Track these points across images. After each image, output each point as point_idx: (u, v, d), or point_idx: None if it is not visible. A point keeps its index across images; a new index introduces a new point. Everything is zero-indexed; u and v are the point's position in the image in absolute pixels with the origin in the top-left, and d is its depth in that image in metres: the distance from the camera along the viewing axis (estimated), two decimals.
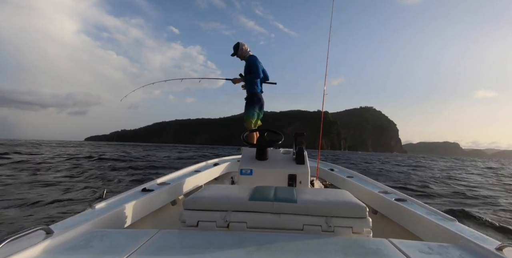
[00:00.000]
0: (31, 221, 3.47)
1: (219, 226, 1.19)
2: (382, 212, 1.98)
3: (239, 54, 3.67)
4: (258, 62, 3.57)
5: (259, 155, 2.20)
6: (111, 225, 1.35)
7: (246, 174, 2.07)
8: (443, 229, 1.33)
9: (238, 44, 3.64)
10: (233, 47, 3.68)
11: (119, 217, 1.44)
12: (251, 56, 3.62)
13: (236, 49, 3.65)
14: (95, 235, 1.07)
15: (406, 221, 1.67)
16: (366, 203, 1.45)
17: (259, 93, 3.70)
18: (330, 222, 1.16)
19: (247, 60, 3.64)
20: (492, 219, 4.37)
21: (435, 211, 1.58)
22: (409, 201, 1.81)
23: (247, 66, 3.63)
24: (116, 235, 1.07)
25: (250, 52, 3.69)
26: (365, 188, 2.26)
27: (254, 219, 1.20)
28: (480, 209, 5.38)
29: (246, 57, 3.66)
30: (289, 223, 1.19)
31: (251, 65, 3.56)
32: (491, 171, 19.33)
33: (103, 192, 1.45)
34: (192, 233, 1.11)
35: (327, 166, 3.48)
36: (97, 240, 1.02)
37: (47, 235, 1.02)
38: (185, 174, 2.52)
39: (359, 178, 2.69)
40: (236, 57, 3.73)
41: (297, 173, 2.07)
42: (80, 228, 1.14)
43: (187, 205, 1.24)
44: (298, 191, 1.42)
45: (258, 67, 3.53)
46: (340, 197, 1.30)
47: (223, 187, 1.51)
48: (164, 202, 1.95)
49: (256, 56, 3.64)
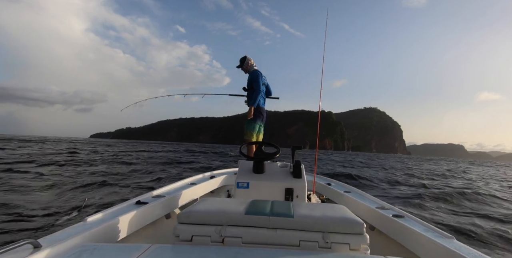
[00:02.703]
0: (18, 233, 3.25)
1: (213, 241, 1.16)
2: (380, 228, 1.94)
3: (244, 67, 3.76)
4: (260, 78, 3.63)
5: (256, 168, 2.17)
6: (103, 239, 1.31)
7: (243, 187, 2.03)
8: (441, 247, 1.31)
9: (245, 57, 3.73)
10: (240, 60, 3.78)
11: (112, 231, 1.40)
12: (254, 71, 3.69)
13: (242, 62, 3.75)
14: (85, 249, 1.03)
15: (404, 238, 1.64)
16: (364, 219, 1.40)
17: (261, 108, 3.71)
18: (327, 238, 1.13)
19: (250, 74, 3.71)
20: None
21: (432, 228, 1.56)
22: (406, 218, 1.79)
23: (249, 80, 3.70)
24: (107, 249, 1.04)
25: (255, 67, 3.77)
26: (363, 203, 2.22)
27: (249, 234, 1.17)
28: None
29: (250, 71, 3.73)
30: (285, 239, 1.16)
31: (253, 80, 3.63)
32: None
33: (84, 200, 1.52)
34: (186, 248, 1.08)
35: (324, 180, 3.46)
36: (87, 254, 0.98)
37: (34, 249, 0.99)
38: (181, 186, 2.50)
39: (356, 193, 2.68)
40: (241, 69, 3.82)
41: (294, 187, 2.04)
42: (70, 241, 1.10)
43: (182, 219, 1.20)
44: (295, 205, 1.39)
45: (259, 83, 3.59)
46: (337, 213, 1.28)
47: (219, 200, 1.48)
48: (158, 215, 1.91)
49: (259, 72, 3.69)
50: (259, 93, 3.58)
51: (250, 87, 3.67)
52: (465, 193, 7.62)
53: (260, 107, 3.70)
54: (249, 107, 3.60)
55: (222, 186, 3.32)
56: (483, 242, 3.92)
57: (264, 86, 3.73)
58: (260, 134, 3.78)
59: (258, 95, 3.58)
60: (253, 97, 3.58)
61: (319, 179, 3.48)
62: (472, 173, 19.30)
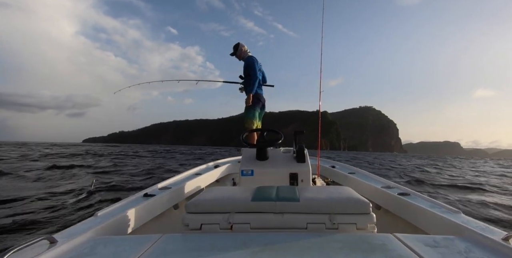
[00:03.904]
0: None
1: (222, 228, 1.18)
2: (386, 207, 1.96)
3: (238, 54, 3.75)
4: (255, 64, 3.61)
5: (260, 155, 2.18)
6: (115, 231, 1.34)
7: (247, 174, 2.05)
8: (448, 221, 1.32)
9: (238, 44, 3.75)
10: (233, 47, 3.79)
11: (122, 224, 1.44)
12: (249, 57, 3.68)
13: (236, 49, 3.75)
14: (98, 243, 1.06)
15: (410, 215, 1.65)
16: (369, 199, 1.43)
17: (259, 94, 3.72)
18: (334, 219, 1.15)
19: (245, 61, 3.69)
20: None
21: (439, 204, 1.57)
22: (412, 195, 1.81)
23: (245, 67, 3.69)
24: (119, 241, 1.07)
25: (249, 53, 3.76)
26: (368, 183, 2.26)
27: (257, 220, 1.19)
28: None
29: (244, 58, 3.73)
30: (292, 222, 1.18)
31: (249, 67, 3.62)
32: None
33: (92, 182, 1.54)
34: (196, 236, 1.10)
35: (328, 163, 3.47)
36: (101, 247, 1.01)
37: (51, 245, 1.01)
38: (186, 177, 2.52)
39: (361, 174, 2.70)
40: (235, 57, 3.81)
41: (298, 172, 2.06)
42: (84, 236, 1.13)
43: (190, 209, 1.23)
44: (300, 189, 1.40)
45: (255, 69, 3.58)
46: (343, 194, 1.29)
47: (225, 189, 1.50)
48: (166, 206, 1.94)
49: (254, 57, 3.68)
50: (256, 80, 3.58)
51: (247, 75, 3.66)
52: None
53: (257, 94, 3.70)
54: (247, 95, 3.61)
55: (227, 175, 3.34)
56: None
57: (260, 72, 3.73)
58: (259, 121, 3.79)
59: (255, 82, 3.57)
60: (250, 84, 3.57)
61: (323, 162, 3.48)
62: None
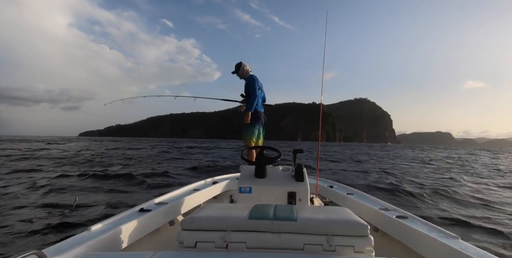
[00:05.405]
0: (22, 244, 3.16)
1: (217, 247, 1.15)
2: (384, 229, 1.94)
3: (239, 73, 3.81)
4: (256, 83, 3.69)
5: (258, 172, 2.17)
6: (107, 247, 1.31)
7: (245, 192, 2.03)
8: (446, 247, 1.30)
9: (240, 63, 3.79)
10: (235, 66, 3.83)
11: (116, 239, 1.40)
12: (250, 76, 3.75)
13: (238, 68, 3.80)
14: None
15: (409, 239, 1.63)
16: (367, 221, 1.41)
17: (259, 112, 3.77)
18: (331, 241, 1.13)
19: (246, 80, 3.77)
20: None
21: (437, 229, 1.55)
22: (410, 218, 1.79)
23: (246, 86, 3.76)
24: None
25: (250, 72, 3.82)
26: (366, 205, 2.24)
27: (253, 239, 1.16)
28: None
29: (245, 77, 3.79)
30: (289, 242, 1.16)
31: (249, 85, 3.69)
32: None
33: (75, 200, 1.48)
34: (190, 254, 1.07)
35: (326, 183, 3.45)
36: None
37: None
38: (184, 193, 2.49)
39: (359, 195, 2.67)
40: (236, 75, 3.86)
41: (296, 191, 2.03)
42: (74, 251, 1.09)
43: (185, 225, 1.20)
44: (298, 209, 1.38)
45: (255, 88, 3.66)
46: (341, 215, 1.27)
47: (222, 206, 1.48)
48: (162, 222, 1.91)
49: (255, 77, 3.77)
50: (255, 98, 3.64)
51: (247, 93, 3.73)
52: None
53: (257, 112, 3.75)
54: (245, 113, 3.66)
55: (225, 192, 3.33)
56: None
57: (260, 91, 3.80)
58: (260, 138, 3.83)
59: (254, 100, 3.63)
60: (250, 103, 3.64)
61: (321, 182, 3.50)
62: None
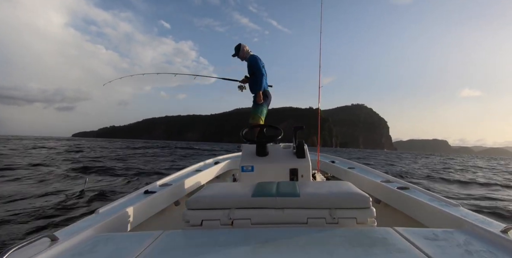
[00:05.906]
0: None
1: (223, 224, 1.18)
2: (385, 201, 1.97)
3: (240, 55, 3.73)
4: (259, 61, 3.63)
5: (259, 151, 2.18)
6: (116, 228, 1.34)
7: (247, 170, 2.05)
8: (447, 214, 1.33)
9: (239, 45, 3.71)
10: (235, 48, 3.76)
11: (123, 221, 1.44)
12: (251, 56, 3.68)
13: (238, 50, 3.72)
14: (99, 240, 1.06)
15: (410, 208, 1.67)
16: (369, 193, 1.43)
17: (266, 91, 3.75)
18: (334, 214, 1.15)
19: (248, 60, 3.70)
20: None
21: (438, 198, 1.58)
22: (411, 189, 1.82)
23: (249, 66, 3.71)
24: (120, 238, 1.07)
25: (251, 52, 3.75)
26: (367, 178, 2.27)
27: (258, 215, 1.19)
28: None
29: (247, 57, 3.72)
30: (293, 217, 1.18)
31: (252, 65, 3.64)
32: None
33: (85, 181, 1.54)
34: (197, 232, 1.10)
35: (327, 159, 3.50)
36: (102, 244, 1.01)
37: (52, 242, 1.01)
38: (186, 174, 2.54)
39: (361, 169, 2.74)
40: (237, 57, 3.78)
41: (298, 167, 2.05)
42: (85, 233, 1.13)
43: (190, 205, 1.23)
44: (300, 184, 1.40)
45: (259, 65, 3.60)
46: (343, 189, 1.30)
47: (225, 185, 1.51)
48: (167, 203, 1.95)
49: (256, 56, 3.70)
50: (262, 76, 3.58)
51: (252, 73, 3.67)
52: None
53: (265, 90, 3.73)
54: (255, 93, 3.66)
55: (227, 171, 3.36)
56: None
57: (264, 69, 3.70)
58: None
59: (262, 78, 3.58)
60: (258, 81, 3.58)
61: (323, 158, 3.55)
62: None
